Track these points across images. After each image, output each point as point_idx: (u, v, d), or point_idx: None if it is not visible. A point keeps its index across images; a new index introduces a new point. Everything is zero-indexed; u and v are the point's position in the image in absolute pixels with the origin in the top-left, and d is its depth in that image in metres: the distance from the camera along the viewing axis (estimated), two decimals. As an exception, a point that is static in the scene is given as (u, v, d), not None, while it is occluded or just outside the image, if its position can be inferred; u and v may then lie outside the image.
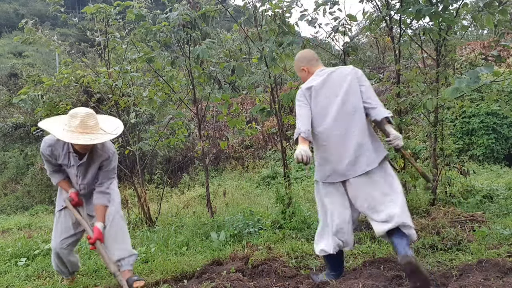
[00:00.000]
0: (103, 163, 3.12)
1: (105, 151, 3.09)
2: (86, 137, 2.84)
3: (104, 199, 3.11)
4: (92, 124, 2.90)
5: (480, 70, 3.02)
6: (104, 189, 3.12)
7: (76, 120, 2.87)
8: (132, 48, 5.66)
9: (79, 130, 2.85)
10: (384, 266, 3.06)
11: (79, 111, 2.92)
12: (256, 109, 4.98)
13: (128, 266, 3.24)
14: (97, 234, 2.97)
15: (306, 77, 3.04)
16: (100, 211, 3.08)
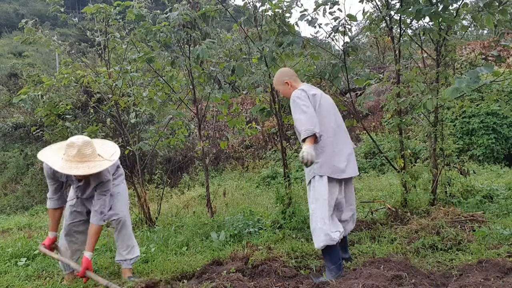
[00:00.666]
0: (97, 187, 3.25)
1: (99, 177, 3.19)
2: (84, 166, 2.96)
3: (97, 218, 3.22)
4: (89, 153, 3.00)
5: (480, 70, 3.02)
6: (97, 209, 3.22)
7: (73, 150, 2.96)
8: (132, 48, 5.66)
9: (77, 159, 2.95)
10: (384, 266, 3.06)
11: (75, 141, 3.00)
12: (256, 109, 4.98)
13: (129, 265, 3.47)
14: (85, 264, 3.08)
15: (287, 91, 3.27)
16: (91, 236, 3.20)
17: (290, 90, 3.22)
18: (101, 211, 3.23)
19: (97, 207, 3.22)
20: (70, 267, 3.41)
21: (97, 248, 4.40)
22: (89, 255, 3.15)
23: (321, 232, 2.99)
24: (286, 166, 5.06)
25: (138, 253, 3.55)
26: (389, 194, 6.25)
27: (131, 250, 3.50)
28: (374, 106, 13.53)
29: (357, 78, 4.86)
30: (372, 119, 13.31)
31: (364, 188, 7.65)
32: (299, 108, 3.02)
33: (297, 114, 3.02)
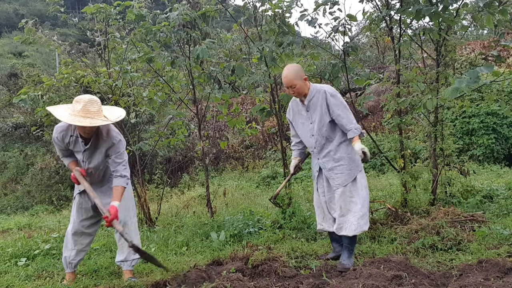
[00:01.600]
0: (108, 151, 3.23)
1: (110, 138, 3.21)
2: (86, 121, 3.01)
3: (121, 180, 3.20)
4: (93, 110, 3.06)
5: (480, 70, 3.02)
6: (120, 174, 3.20)
7: (79, 105, 3.04)
8: (132, 48, 5.66)
9: (81, 114, 3.02)
10: (384, 266, 3.06)
11: (83, 97, 3.11)
12: (256, 109, 4.98)
13: (129, 267, 3.42)
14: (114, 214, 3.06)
15: (303, 87, 3.32)
16: (117, 191, 3.19)
17: (306, 86, 3.33)
18: (124, 174, 3.21)
19: (118, 172, 3.20)
20: (72, 266, 3.40)
21: (97, 248, 4.40)
22: (117, 204, 3.13)
23: (367, 218, 3.32)
24: (286, 166, 5.06)
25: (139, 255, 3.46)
26: (389, 194, 6.25)
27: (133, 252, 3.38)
28: (374, 106, 13.53)
29: (357, 78, 4.86)
30: (372, 119, 13.31)
31: (364, 188, 7.62)
32: (343, 104, 3.23)
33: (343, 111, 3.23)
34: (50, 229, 6.44)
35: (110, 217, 3.03)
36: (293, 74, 3.29)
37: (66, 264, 3.43)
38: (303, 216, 4.57)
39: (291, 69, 3.33)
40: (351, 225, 3.26)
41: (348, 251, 3.32)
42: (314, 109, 3.35)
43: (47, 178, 13.01)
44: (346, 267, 3.19)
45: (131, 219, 3.48)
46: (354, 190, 3.31)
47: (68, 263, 3.41)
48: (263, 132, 13.26)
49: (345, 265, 3.22)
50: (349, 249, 3.33)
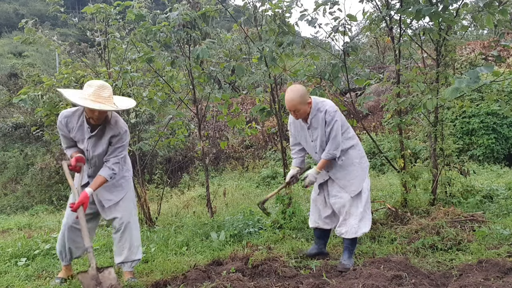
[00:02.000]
0: (112, 139, 3.18)
1: (117, 127, 3.18)
2: (95, 105, 2.96)
3: (106, 172, 3.13)
4: (105, 96, 3.03)
5: (480, 70, 3.02)
6: (109, 165, 3.15)
7: (90, 89, 3.03)
8: (132, 48, 5.66)
9: (91, 98, 2.99)
10: (384, 266, 3.06)
11: (95, 82, 3.11)
12: (256, 109, 4.98)
13: (130, 268, 3.36)
14: (82, 198, 2.99)
15: (307, 110, 3.28)
16: (97, 179, 3.12)
17: (309, 108, 3.29)
18: (113, 168, 3.14)
19: (109, 164, 3.14)
20: (68, 259, 3.37)
21: (97, 248, 4.40)
22: (89, 190, 3.06)
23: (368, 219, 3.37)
24: (286, 166, 5.06)
25: (139, 257, 3.41)
26: (389, 194, 6.25)
27: (133, 251, 3.34)
28: (374, 106, 13.53)
29: (357, 78, 4.86)
30: (372, 119, 13.31)
31: (364, 188, 7.62)
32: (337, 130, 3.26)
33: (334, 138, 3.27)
34: (50, 229, 6.44)
35: (77, 201, 2.97)
36: (298, 99, 3.19)
37: (62, 257, 3.39)
38: (303, 216, 4.57)
39: (297, 94, 3.20)
40: (352, 228, 3.31)
41: (348, 252, 3.35)
42: (315, 128, 3.34)
43: (47, 178, 13.01)
44: (346, 267, 3.20)
45: (133, 218, 3.42)
46: (358, 194, 3.36)
47: (65, 256, 3.37)
48: (263, 132, 13.26)
49: (345, 265, 3.24)
50: (349, 250, 3.36)
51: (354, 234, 3.30)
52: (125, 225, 3.30)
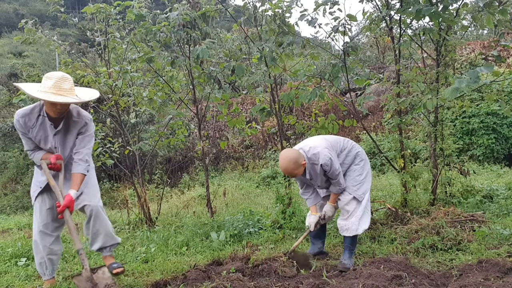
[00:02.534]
0: (80, 130, 3.06)
1: (81, 118, 3.05)
2: (57, 98, 2.83)
3: (82, 167, 2.99)
4: (66, 88, 2.89)
5: (480, 70, 3.02)
6: (82, 157, 3.00)
7: (50, 81, 2.87)
8: (132, 48, 5.66)
9: (52, 91, 2.85)
10: (384, 266, 3.06)
11: (54, 74, 2.92)
12: (256, 109, 4.97)
13: (109, 252, 3.21)
14: (68, 202, 2.88)
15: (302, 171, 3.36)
16: (76, 179, 2.98)
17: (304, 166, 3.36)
18: (87, 159, 3.00)
19: (81, 155, 2.99)
20: (50, 271, 3.16)
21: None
22: (73, 193, 2.92)
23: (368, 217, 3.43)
24: (286, 166, 5.05)
25: (118, 240, 3.25)
26: (389, 194, 6.25)
27: (108, 237, 3.16)
28: (374, 106, 13.53)
29: (357, 78, 4.86)
30: (372, 119, 13.31)
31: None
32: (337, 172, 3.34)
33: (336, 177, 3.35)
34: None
35: (63, 204, 2.85)
36: (292, 166, 3.27)
37: (43, 271, 3.18)
38: (303, 216, 4.57)
39: (290, 162, 3.27)
40: (352, 225, 3.35)
41: (349, 251, 3.37)
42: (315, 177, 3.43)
43: (47, 178, 12.99)
44: (346, 267, 3.21)
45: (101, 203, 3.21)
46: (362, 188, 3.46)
47: (46, 268, 3.16)
48: (263, 132, 13.26)
49: (345, 264, 3.24)
50: (350, 249, 3.38)
51: (355, 231, 3.35)
52: (96, 211, 3.09)
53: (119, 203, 9.03)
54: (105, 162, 5.63)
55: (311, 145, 3.38)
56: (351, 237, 3.37)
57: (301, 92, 4.70)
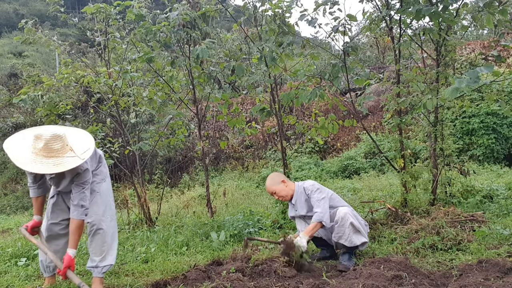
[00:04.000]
0: (74, 178, 3.00)
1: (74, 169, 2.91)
2: (49, 162, 2.70)
3: (77, 213, 2.95)
4: (57, 148, 2.75)
5: (480, 70, 3.02)
6: (76, 203, 2.96)
7: (40, 143, 2.73)
8: (132, 48, 5.66)
9: (43, 154, 2.71)
10: (384, 266, 3.06)
11: (43, 133, 2.77)
12: (256, 109, 4.97)
13: (99, 274, 3.16)
14: (67, 262, 2.84)
15: (285, 189, 3.58)
16: (72, 232, 2.94)
17: (288, 189, 3.61)
18: (82, 204, 2.95)
19: (76, 201, 2.95)
20: (51, 269, 3.24)
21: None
22: (72, 252, 2.89)
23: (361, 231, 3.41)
24: (286, 166, 5.06)
25: (111, 262, 3.19)
26: (389, 194, 6.25)
27: (104, 257, 3.15)
28: (374, 106, 13.54)
29: (357, 78, 4.86)
30: (372, 119, 13.32)
31: (364, 188, 7.65)
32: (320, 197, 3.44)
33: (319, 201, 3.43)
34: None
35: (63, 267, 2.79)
36: (269, 181, 3.63)
37: (44, 268, 3.25)
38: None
39: (269, 178, 3.67)
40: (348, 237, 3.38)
41: (348, 254, 3.38)
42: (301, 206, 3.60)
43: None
44: (347, 267, 3.21)
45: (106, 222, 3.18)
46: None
47: (46, 266, 3.23)
48: (263, 132, 13.27)
49: (345, 265, 3.25)
50: (349, 252, 3.39)
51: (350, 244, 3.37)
52: (95, 229, 3.12)
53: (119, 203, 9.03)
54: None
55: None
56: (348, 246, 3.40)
57: (301, 92, 4.70)
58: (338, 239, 3.39)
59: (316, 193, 3.47)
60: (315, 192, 3.48)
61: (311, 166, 10.94)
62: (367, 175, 9.68)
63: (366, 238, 3.41)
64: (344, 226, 3.35)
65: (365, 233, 3.42)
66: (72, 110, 8.31)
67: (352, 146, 12.31)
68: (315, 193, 3.47)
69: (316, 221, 3.35)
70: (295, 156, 11.82)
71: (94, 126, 5.50)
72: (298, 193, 3.60)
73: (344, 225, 3.35)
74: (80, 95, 6.68)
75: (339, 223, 3.36)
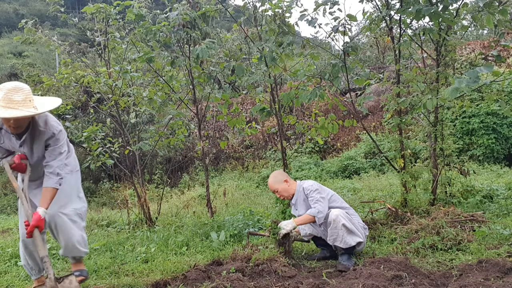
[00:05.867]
0: (48, 142, 2.83)
1: (48, 128, 2.80)
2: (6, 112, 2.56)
3: (52, 181, 2.78)
4: (18, 99, 2.59)
5: (480, 70, 3.02)
6: (52, 170, 2.79)
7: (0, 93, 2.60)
8: (132, 48, 5.66)
9: (1, 104, 2.57)
10: (384, 266, 3.06)
11: (6, 84, 2.66)
12: (256, 109, 4.97)
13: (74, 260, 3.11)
14: (36, 221, 2.64)
15: (287, 189, 3.62)
16: (46, 194, 2.76)
17: (290, 188, 3.64)
18: (58, 172, 2.78)
19: (52, 168, 2.77)
20: (37, 271, 3.04)
21: (97, 248, 4.40)
22: (41, 211, 2.69)
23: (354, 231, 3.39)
24: (286, 166, 5.06)
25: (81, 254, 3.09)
26: (389, 194, 6.25)
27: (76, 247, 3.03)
28: (374, 106, 13.54)
29: (357, 78, 4.86)
30: (372, 119, 13.32)
31: (364, 188, 7.65)
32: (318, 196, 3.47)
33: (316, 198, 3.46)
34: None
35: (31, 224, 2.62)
36: (272, 179, 3.68)
37: (29, 271, 3.08)
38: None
39: (271, 176, 3.73)
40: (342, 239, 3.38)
41: (347, 254, 3.38)
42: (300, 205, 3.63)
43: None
44: (347, 267, 3.21)
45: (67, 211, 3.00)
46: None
47: (30, 269, 3.06)
48: (263, 132, 13.26)
49: (345, 265, 3.25)
50: (348, 252, 3.39)
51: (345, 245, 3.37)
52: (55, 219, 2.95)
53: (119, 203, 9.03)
54: (105, 162, 5.63)
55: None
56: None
57: (301, 92, 4.70)
58: (333, 241, 3.40)
59: (314, 193, 3.49)
60: (314, 192, 3.50)
61: (311, 166, 10.94)
62: (367, 175, 9.68)
63: (361, 238, 3.40)
64: (337, 228, 3.35)
65: (359, 234, 3.41)
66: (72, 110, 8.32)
67: (352, 146, 12.31)
68: (313, 193, 3.49)
69: (309, 214, 3.40)
70: (295, 156, 11.82)
71: (94, 126, 5.50)
72: (298, 192, 3.62)
73: (336, 227, 3.35)
74: (80, 95, 6.68)
75: (331, 225, 3.37)
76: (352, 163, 10.60)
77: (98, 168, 6.37)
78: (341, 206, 3.53)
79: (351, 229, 3.36)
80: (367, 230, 3.65)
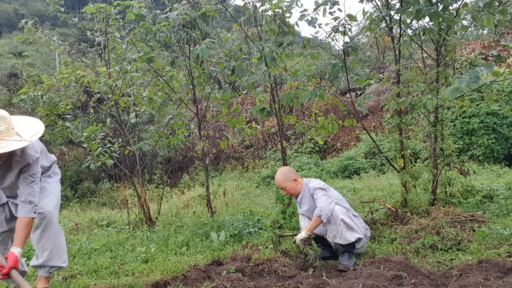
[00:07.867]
0: (23, 169, 2.76)
1: (24, 158, 2.73)
2: None
3: (25, 210, 2.70)
4: (1, 129, 2.54)
5: (480, 70, 3.02)
6: (24, 199, 2.71)
7: None
8: (132, 48, 5.66)
9: None
10: (384, 266, 3.06)
11: None
12: (256, 109, 4.97)
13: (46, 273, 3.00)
14: (12, 263, 2.54)
15: (296, 187, 3.62)
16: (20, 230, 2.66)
17: (298, 186, 3.61)
18: (30, 200, 2.70)
19: (23, 197, 2.70)
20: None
21: (97, 248, 4.40)
22: (18, 251, 2.60)
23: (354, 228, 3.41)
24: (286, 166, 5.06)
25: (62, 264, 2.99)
26: (389, 194, 6.25)
27: (54, 256, 2.92)
28: (374, 106, 13.55)
29: (357, 78, 4.86)
30: (372, 119, 13.32)
31: (364, 188, 7.65)
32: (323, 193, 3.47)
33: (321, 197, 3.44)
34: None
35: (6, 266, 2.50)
36: (281, 177, 3.62)
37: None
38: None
39: (280, 173, 3.65)
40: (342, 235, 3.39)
41: (348, 253, 3.38)
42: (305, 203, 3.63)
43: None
44: (347, 267, 3.21)
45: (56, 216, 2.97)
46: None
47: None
48: (263, 132, 13.27)
49: (345, 265, 3.25)
50: (348, 252, 3.39)
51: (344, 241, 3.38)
52: (46, 221, 2.86)
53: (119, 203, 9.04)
54: (105, 162, 5.63)
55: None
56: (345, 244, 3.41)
57: (301, 92, 4.70)
58: (333, 238, 3.41)
59: (319, 192, 3.48)
60: (319, 190, 3.50)
61: (311, 166, 10.94)
62: (367, 175, 9.68)
63: (360, 234, 3.41)
64: (336, 224, 3.37)
65: (358, 230, 3.42)
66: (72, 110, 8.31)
67: (352, 146, 12.32)
68: (319, 192, 3.48)
69: (316, 215, 3.39)
70: (295, 156, 11.82)
71: (94, 126, 5.50)
72: (304, 190, 3.62)
73: (336, 223, 3.37)
74: (80, 95, 6.68)
75: (331, 221, 3.39)
76: (352, 163, 10.60)
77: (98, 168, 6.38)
78: (344, 207, 3.54)
79: (350, 224, 3.38)
80: (369, 231, 3.64)
